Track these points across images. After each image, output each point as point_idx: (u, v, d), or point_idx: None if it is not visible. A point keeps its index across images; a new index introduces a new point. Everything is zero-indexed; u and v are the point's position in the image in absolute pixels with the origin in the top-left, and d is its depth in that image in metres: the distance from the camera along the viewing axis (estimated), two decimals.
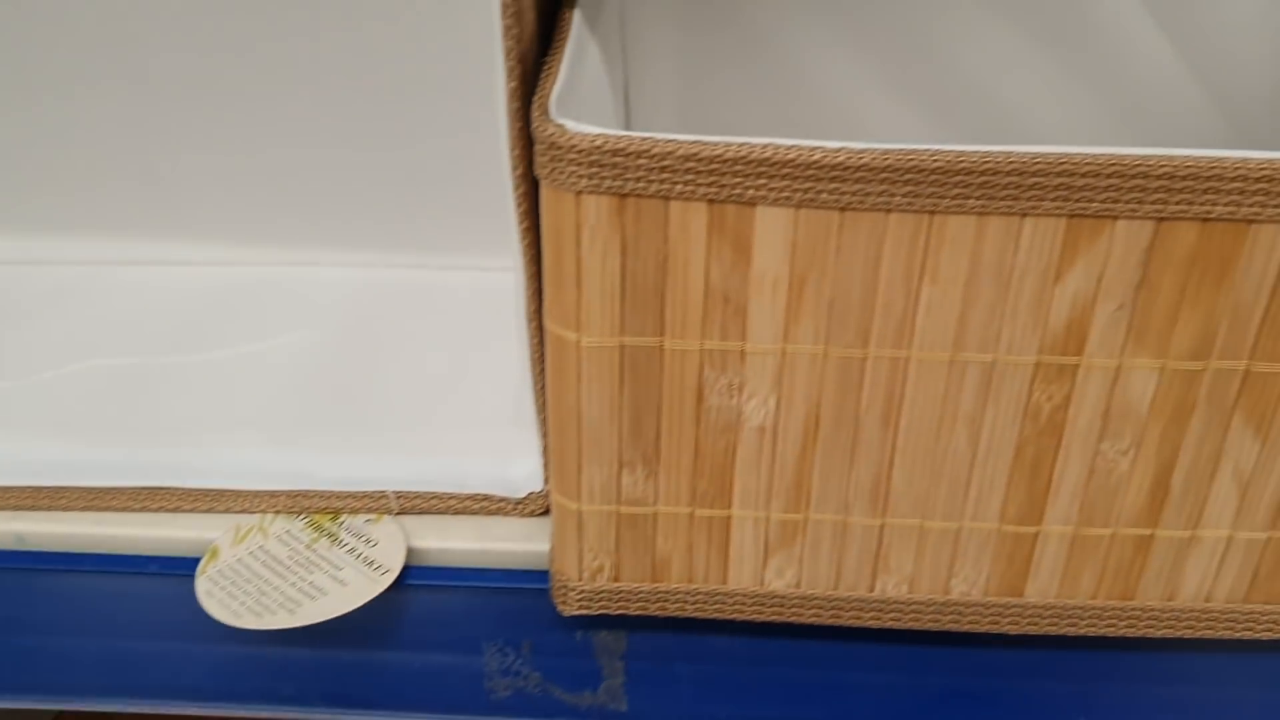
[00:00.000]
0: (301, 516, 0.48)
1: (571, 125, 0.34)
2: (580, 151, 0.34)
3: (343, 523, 0.48)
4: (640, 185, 0.35)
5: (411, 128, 0.58)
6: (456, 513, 0.48)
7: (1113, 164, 0.33)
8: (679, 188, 0.35)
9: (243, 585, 0.45)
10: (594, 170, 0.34)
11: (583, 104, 0.41)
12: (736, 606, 0.43)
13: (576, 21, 0.42)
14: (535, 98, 0.37)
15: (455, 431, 0.50)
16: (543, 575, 0.45)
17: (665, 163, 0.34)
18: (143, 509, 0.48)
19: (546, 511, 0.47)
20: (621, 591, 0.43)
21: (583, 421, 0.39)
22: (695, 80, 0.61)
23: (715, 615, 0.43)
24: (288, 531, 0.48)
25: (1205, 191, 0.34)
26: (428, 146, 0.59)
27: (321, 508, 0.48)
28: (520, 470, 0.48)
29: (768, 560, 0.42)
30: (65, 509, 0.48)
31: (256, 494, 0.48)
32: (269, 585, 0.45)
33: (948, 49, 0.59)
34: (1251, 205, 0.34)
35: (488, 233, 0.59)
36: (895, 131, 0.62)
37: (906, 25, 0.58)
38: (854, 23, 0.59)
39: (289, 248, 0.61)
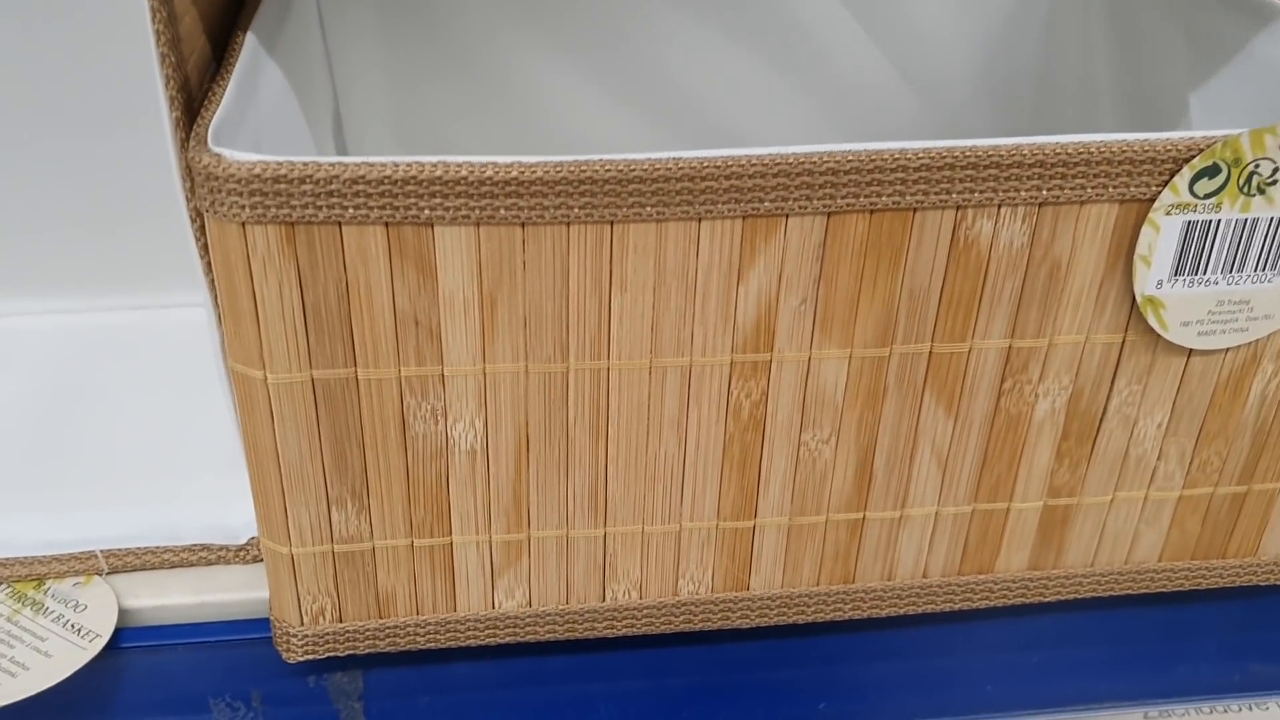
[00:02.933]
0: (1, 586, 0.45)
1: (229, 154, 0.33)
2: (239, 181, 0.32)
3: (48, 589, 0.45)
4: (309, 212, 0.33)
5: (109, 162, 0.55)
6: (173, 566, 0.45)
7: (778, 164, 0.34)
8: (350, 212, 0.33)
9: None
10: (257, 200, 0.33)
11: (260, 129, 0.39)
12: (470, 633, 0.42)
13: (249, 44, 0.40)
14: (195, 127, 0.35)
15: (167, 480, 0.47)
16: (269, 623, 0.43)
17: (332, 187, 0.33)
18: None
19: None
20: (347, 632, 0.41)
21: (282, 462, 0.37)
22: (408, 94, 0.59)
23: (449, 644, 0.42)
24: None
25: (869, 184, 0.35)
26: (129, 181, 0.55)
27: (23, 575, 0.45)
28: (239, 515, 0.45)
29: (495, 582, 0.41)
30: None
31: None
32: None
33: (652, 52, 0.59)
34: (914, 194, 0.35)
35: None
36: (615, 135, 0.62)
37: (610, 31, 0.58)
38: (557, 30, 0.58)
39: None
